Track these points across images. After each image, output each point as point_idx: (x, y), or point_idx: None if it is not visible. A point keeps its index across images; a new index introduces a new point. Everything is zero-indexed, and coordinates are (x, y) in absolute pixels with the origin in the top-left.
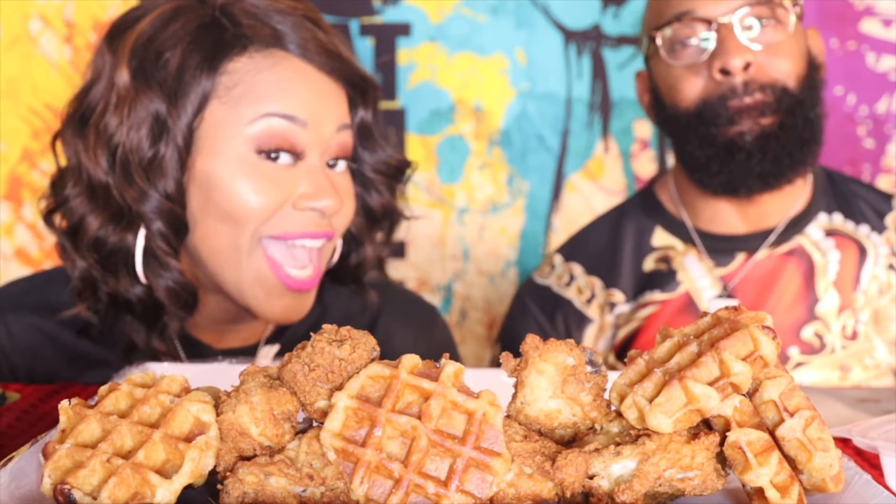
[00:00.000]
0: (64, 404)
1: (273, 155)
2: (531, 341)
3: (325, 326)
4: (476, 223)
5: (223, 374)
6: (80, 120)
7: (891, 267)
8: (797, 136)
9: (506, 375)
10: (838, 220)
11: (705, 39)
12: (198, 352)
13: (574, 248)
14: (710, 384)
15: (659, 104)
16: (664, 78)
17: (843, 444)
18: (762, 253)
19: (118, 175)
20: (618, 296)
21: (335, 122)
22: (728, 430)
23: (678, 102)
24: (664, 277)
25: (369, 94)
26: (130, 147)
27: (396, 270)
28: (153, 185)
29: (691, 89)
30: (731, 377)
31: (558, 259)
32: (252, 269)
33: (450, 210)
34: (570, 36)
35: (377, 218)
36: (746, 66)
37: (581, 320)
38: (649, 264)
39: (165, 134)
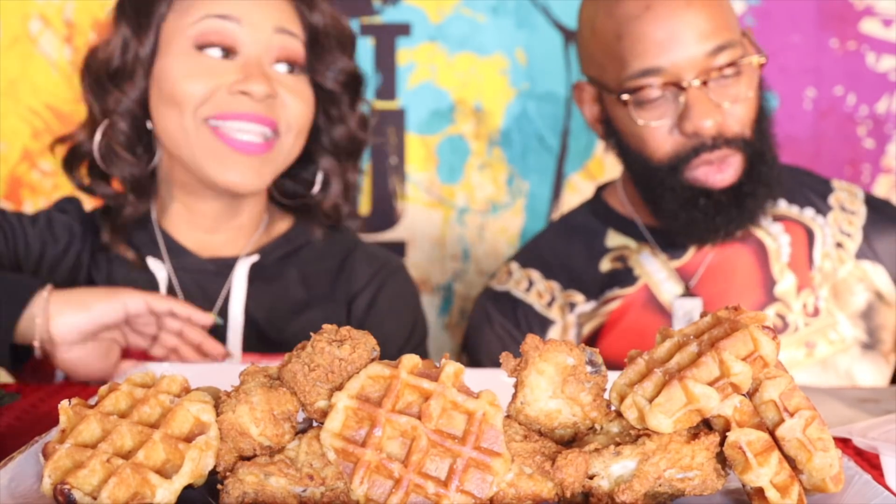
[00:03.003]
0: (64, 404)
1: (210, 50)
2: (531, 341)
3: (325, 326)
4: (476, 223)
5: (223, 374)
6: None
7: (839, 245)
8: (762, 183)
9: (506, 375)
10: (783, 206)
11: (674, 98)
12: (182, 257)
13: (529, 256)
14: (710, 384)
15: (619, 141)
16: (628, 125)
17: (843, 444)
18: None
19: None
20: (577, 297)
21: (271, 23)
22: (728, 430)
23: (649, 154)
24: (622, 275)
25: (317, 4)
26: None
27: None
28: (124, 92)
29: (662, 144)
30: (731, 377)
31: (515, 266)
32: (201, 142)
33: (450, 210)
34: (570, 36)
35: (344, 149)
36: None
37: (543, 322)
38: (606, 265)
39: (134, 46)
